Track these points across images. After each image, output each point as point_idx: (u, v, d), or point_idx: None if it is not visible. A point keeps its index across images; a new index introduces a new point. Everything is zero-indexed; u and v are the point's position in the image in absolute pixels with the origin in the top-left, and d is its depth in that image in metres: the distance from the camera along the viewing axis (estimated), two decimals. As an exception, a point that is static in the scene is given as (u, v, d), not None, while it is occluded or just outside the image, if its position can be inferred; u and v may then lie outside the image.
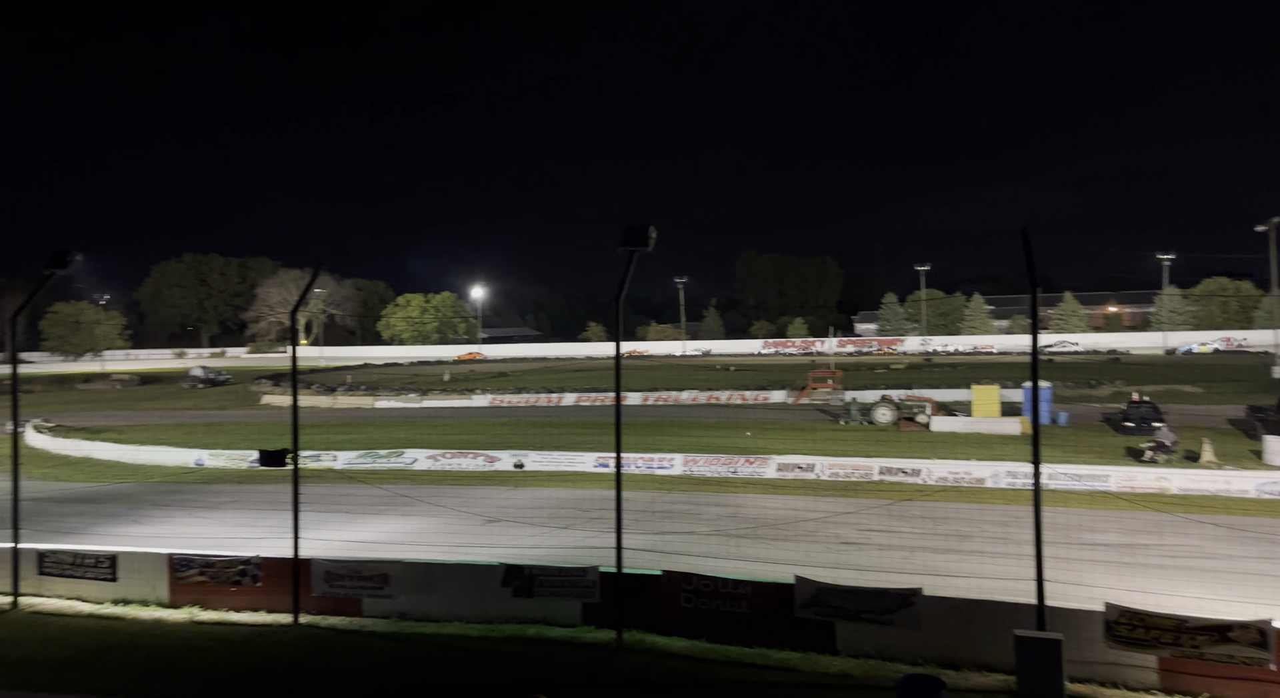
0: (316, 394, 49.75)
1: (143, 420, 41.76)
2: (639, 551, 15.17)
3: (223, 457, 27.89)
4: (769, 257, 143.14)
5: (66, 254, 13.75)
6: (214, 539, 16.74)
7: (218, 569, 13.24)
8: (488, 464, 26.28)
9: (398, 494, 22.02)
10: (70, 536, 17.01)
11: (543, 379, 62.78)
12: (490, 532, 18.04)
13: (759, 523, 18.56)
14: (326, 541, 16.41)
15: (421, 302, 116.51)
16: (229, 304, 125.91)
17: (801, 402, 44.42)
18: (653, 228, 12.11)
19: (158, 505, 21.63)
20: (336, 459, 27.20)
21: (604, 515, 18.82)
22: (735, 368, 74.73)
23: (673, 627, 11.50)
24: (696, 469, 24.64)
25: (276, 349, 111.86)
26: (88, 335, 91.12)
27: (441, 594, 12.48)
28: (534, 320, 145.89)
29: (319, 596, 12.77)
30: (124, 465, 28.40)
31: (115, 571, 13.56)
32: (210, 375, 66.62)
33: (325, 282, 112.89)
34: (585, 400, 47.30)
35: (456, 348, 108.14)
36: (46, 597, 13.56)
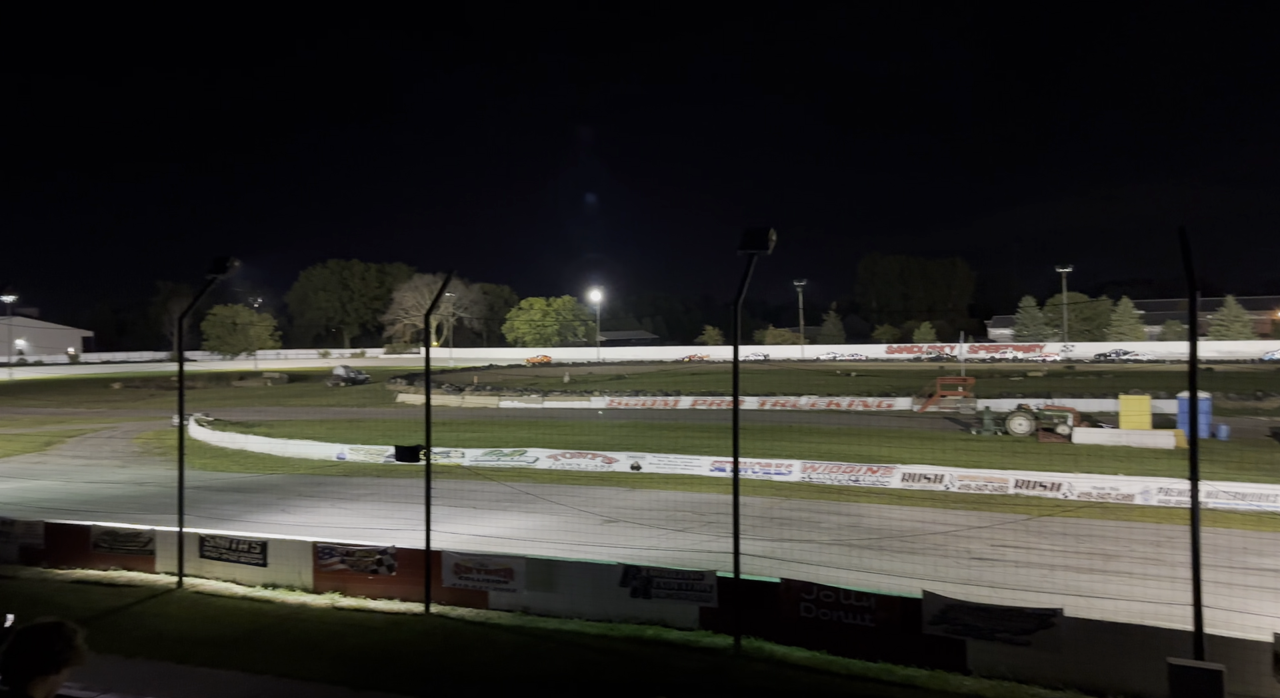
0: (446, 394, 51.97)
1: (290, 416, 44.83)
2: (756, 557, 14.98)
3: (362, 451, 29.54)
4: (894, 258, 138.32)
5: (226, 260, 14.90)
6: (353, 529, 17.75)
7: (357, 558, 14.01)
8: (605, 465, 26.65)
9: (520, 492, 22.67)
10: (226, 522, 18.41)
11: (659, 382, 63.13)
12: (608, 532, 18.26)
13: (882, 534, 17.94)
14: (455, 534, 17.08)
15: (543, 305, 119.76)
16: (368, 307, 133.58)
17: (929, 410, 42.70)
18: (773, 231, 11.92)
19: (303, 496, 23.13)
20: (464, 456, 28.30)
21: (720, 520, 18.71)
22: (857, 373, 72.75)
23: (792, 636, 11.27)
24: (816, 476, 24.10)
25: (410, 350, 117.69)
26: (243, 336, 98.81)
27: (562, 591, 12.73)
28: (650, 324, 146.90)
29: (449, 587, 13.30)
30: (274, 458, 30.56)
31: (266, 556, 14.59)
32: (351, 375, 70.82)
33: (455, 286, 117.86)
34: (701, 404, 47.22)
35: (576, 350, 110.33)
36: (206, 578, 14.72)
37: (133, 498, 22.49)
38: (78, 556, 15.77)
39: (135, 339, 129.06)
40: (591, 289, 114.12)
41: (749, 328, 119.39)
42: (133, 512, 19.52)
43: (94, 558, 15.67)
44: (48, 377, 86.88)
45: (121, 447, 34.20)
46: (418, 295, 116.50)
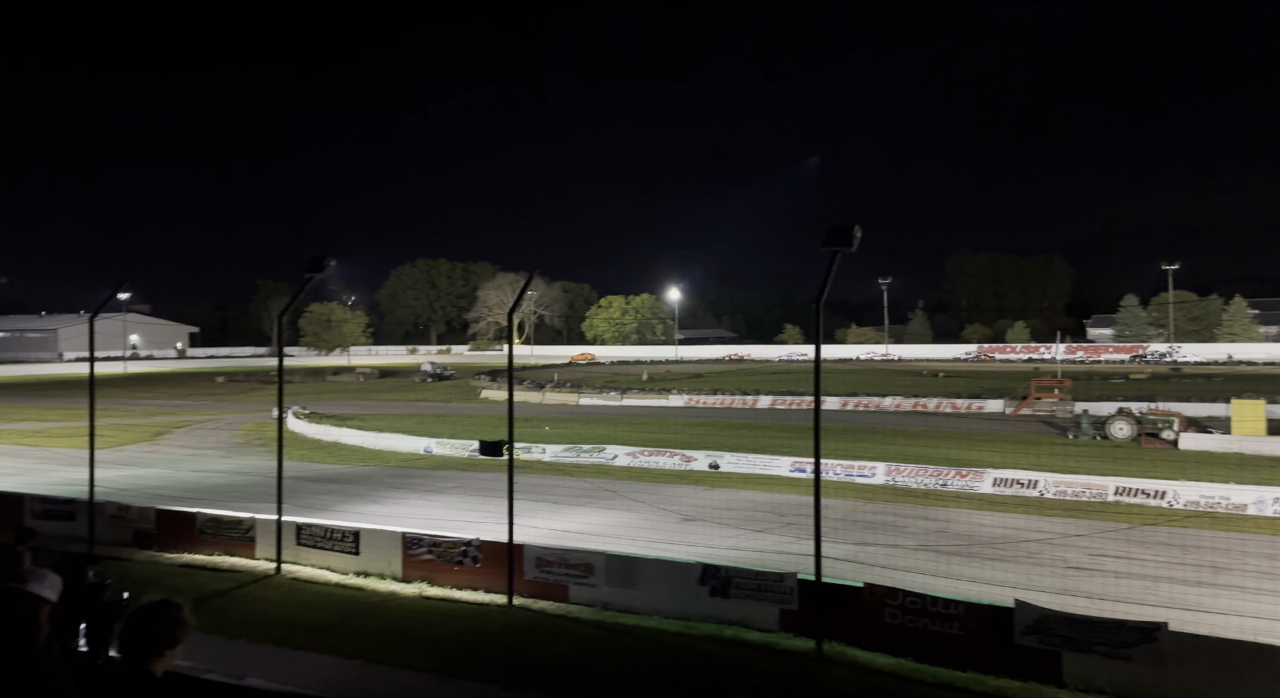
0: (527, 390, 52.92)
1: (381, 410, 46.45)
2: (838, 560, 14.71)
3: (447, 445, 30.37)
4: (985, 255, 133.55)
5: (323, 260, 15.52)
6: (440, 521, 18.26)
7: (443, 549, 14.42)
8: (684, 463, 26.63)
9: (599, 488, 22.88)
10: (321, 511, 19.20)
11: (737, 381, 62.70)
12: (686, 530, 18.25)
13: (972, 540, 17.36)
14: (536, 528, 17.38)
15: (622, 303, 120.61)
16: (454, 305, 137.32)
17: (1022, 412, 41.08)
18: (858, 227, 11.66)
19: (393, 488, 23.93)
20: (545, 452, 28.75)
21: (800, 522, 18.44)
22: (945, 374, 70.61)
23: (876, 642, 11.02)
24: (901, 479, 23.49)
25: (493, 347, 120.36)
26: (337, 333, 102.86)
27: (641, 588, 12.79)
28: (729, 322, 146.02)
29: (530, 580, 13.54)
30: (365, 450, 31.72)
31: (358, 545, 15.16)
32: (437, 371, 72.88)
33: (536, 284, 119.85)
34: (781, 403, 46.67)
35: (654, 348, 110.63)
36: (302, 565, 15.38)
37: (235, 487, 23.71)
38: (185, 541, 16.73)
39: (237, 335, 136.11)
40: (670, 288, 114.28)
41: (830, 327, 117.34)
42: (235, 500, 20.57)
43: (200, 543, 16.60)
44: (158, 370, 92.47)
45: (224, 438, 36.11)
46: (500, 294, 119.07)
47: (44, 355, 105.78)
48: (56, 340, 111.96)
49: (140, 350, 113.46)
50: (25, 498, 18.96)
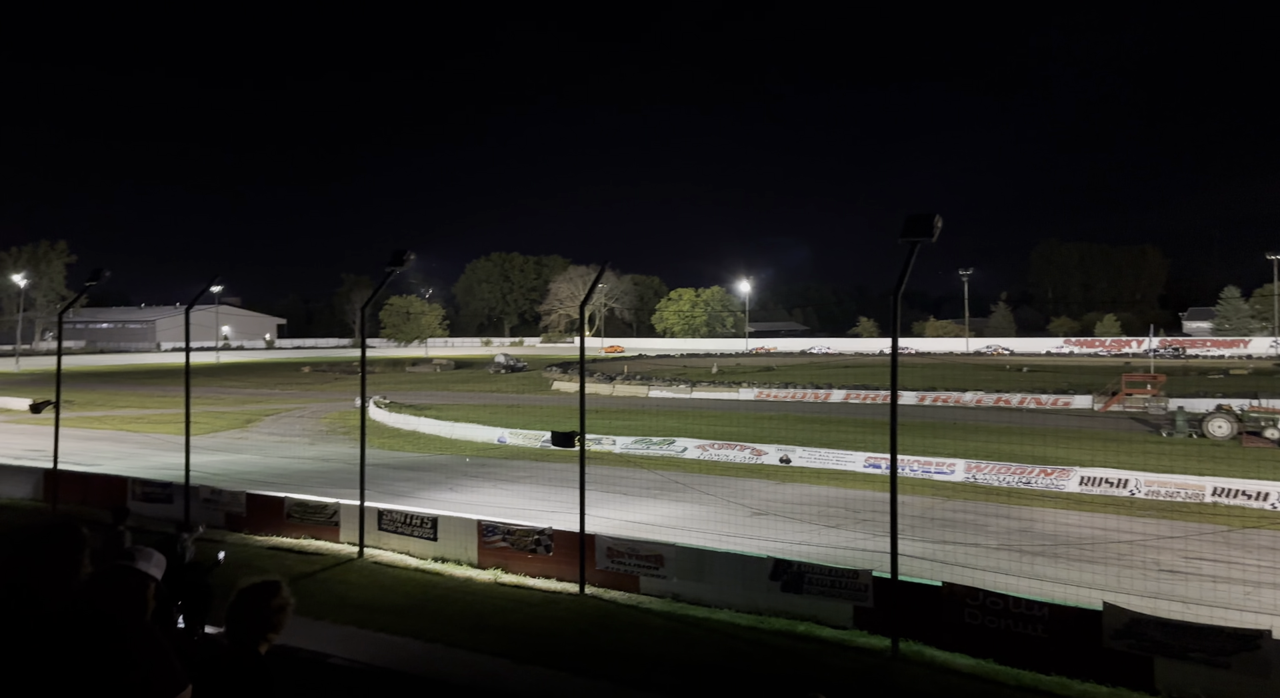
0: (597, 382, 53.34)
1: (457, 400, 47.55)
2: (915, 558, 14.41)
3: (520, 436, 30.90)
4: (1073, 245, 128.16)
5: (403, 253, 15.98)
6: (513, 509, 18.60)
7: (517, 537, 14.70)
8: (754, 457, 26.44)
9: (669, 480, 22.93)
10: (401, 498, 19.77)
11: (809, 374, 61.82)
12: (756, 524, 18.13)
13: (1057, 541, 16.75)
14: (608, 518, 17.53)
15: (692, 296, 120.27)
16: (526, 298, 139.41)
17: (1112, 409, 39.36)
18: (938, 217, 11.35)
19: (468, 476, 24.49)
20: (615, 443, 28.96)
21: (875, 518, 18.11)
22: (1029, 368, 68.19)
23: (954, 642, 10.75)
24: (981, 477, 22.80)
25: (565, 339, 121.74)
26: (415, 325, 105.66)
27: (712, 581, 12.78)
28: (801, 315, 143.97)
29: (601, 569, 13.69)
30: (442, 439, 32.53)
31: (436, 531, 15.58)
32: (510, 362, 74.15)
33: (607, 277, 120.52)
34: (854, 397, 45.83)
35: (724, 341, 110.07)
36: (383, 549, 15.90)
37: (320, 473, 24.64)
38: (273, 524, 17.49)
39: (321, 326, 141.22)
40: (740, 280, 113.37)
41: (907, 319, 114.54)
42: (320, 485, 21.38)
43: (287, 527, 17.33)
44: (247, 360, 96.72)
45: (310, 426, 37.55)
46: (572, 286, 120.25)
47: (143, 345, 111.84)
48: (154, 331, 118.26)
49: (232, 341, 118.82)
50: (128, 481, 20.13)
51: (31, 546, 4.07)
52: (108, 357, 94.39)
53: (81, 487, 20.31)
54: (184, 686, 3.53)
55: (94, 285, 19.89)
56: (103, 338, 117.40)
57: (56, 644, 3.59)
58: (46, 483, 20.48)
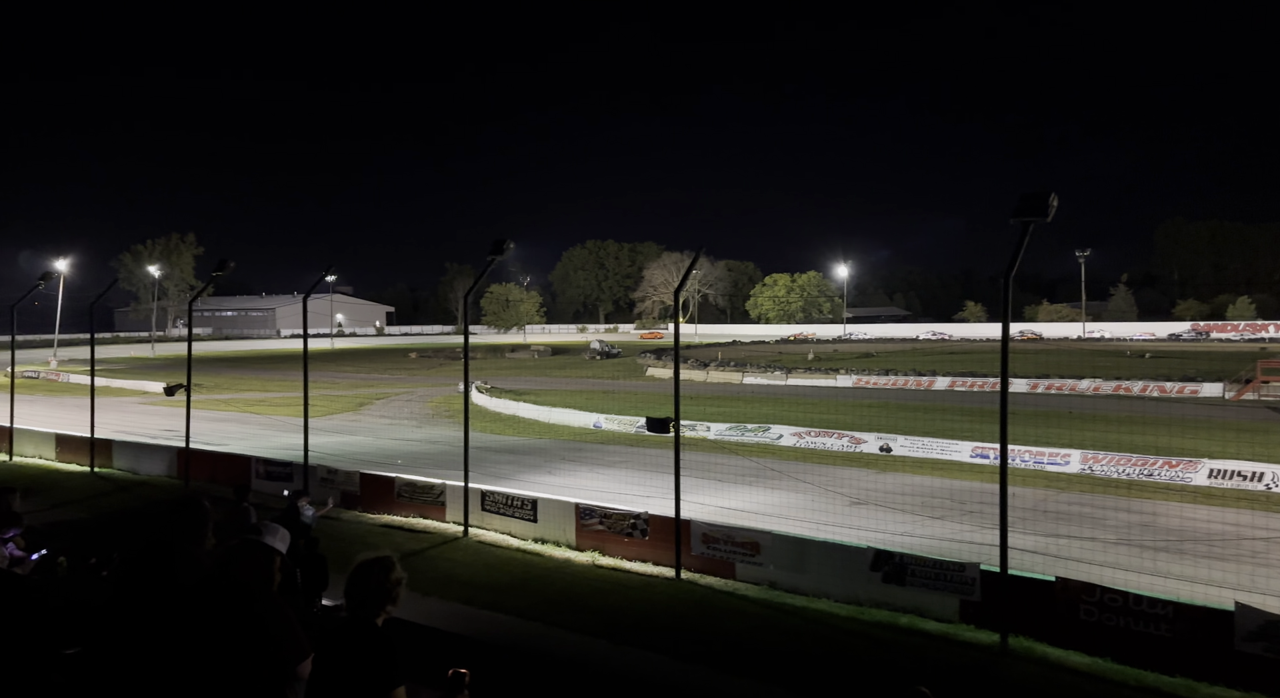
0: (691, 369, 53.30)
1: (554, 386, 48.51)
2: (1026, 551, 13.84)
3: (615, 421, 31.26)
4: (1203, 223, 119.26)
5: (504, 243, 16.38)
6: (609, 494, 18.86)
7: (613, 521, 14.91)
8: (852, 445, 25.90)
9: (764, 467, 22.74)
10: (502, 480, 20.35)
11: (912, 361, 59.99)
12: (855, 514, 17.78)
13: (1182, 536, 15.75)
14: (702, 505, 17.55)
15: (787, 281, 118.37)
16: (620, 285, 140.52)
17: (1246, 397, 36.58)
18: (1054, 195, 10.77)
19: (565, 460, 24.98)
20: (709, 430, 28.92)
21: (982, 510, 17.46)
22: (1151, 354, 64.12)
23: (1068, 639, 10.29)
24: (1099, 468, 21.63)
25: (659, 326, 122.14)
26: (514, 312, 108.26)
27: (809, 570, 12.63)
28: (903, 299, 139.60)
29: (696, 555, 13.73)
30: (540, 424, 33.27)
31: (535, 513, 15.98)
32: (605, 348, 75.02)
33: (700, 263, 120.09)
34: (960, 385, 44.20)
35: (821, 327, 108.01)
36: (486, 529, 16.42)
37: (427, 455, 25.64)
38: (384, 502, 18.33)
39: (427, 314, 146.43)
40: (838, 264, 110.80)
41: (1019, 303, 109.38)
42: (427, 467, 22.23)
43: (397, 506, 18.13)
44: (359, 346, 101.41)
45: (417, 409, 39.09)
46: (666, 273, 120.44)
47: (264, 332, 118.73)
48: (275, 319, 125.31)
49: (345, 328, 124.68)
50: (252, 460, 21.48)
51: (163, 520, 4.43)
52: (232, 343, 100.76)
53: (210, 465, 21.82)
54: (307, 654, 3.76)
55: (220, 275, 21.24)
56: (228, 325, 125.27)
57: (193, 611, 3.88)
58: (180, 461, 22.10)
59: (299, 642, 3.79)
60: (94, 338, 28.93)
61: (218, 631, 3.73)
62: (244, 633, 3.70)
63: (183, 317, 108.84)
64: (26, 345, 52.70)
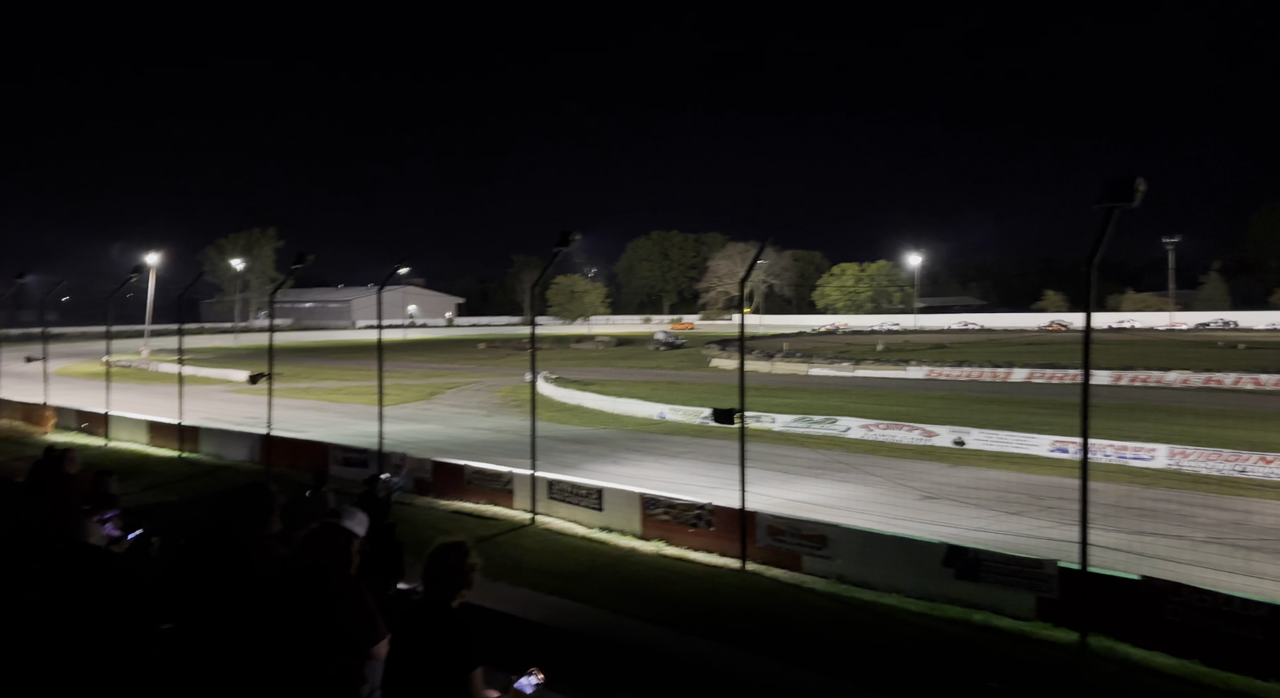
0: (756, 359, 52.89)
1: (619, 376, 48.79)
2: (1108, 549, 13.29)
3: (680, 412, 31.26)
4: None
5: (569, 234, 16.51)
6: (674, 484, 18.88)
7: (678, 511, 14.93)
8: (924, 438, 25.31)
9: (832, 460, 22.42)
10: (568, 469, 20.55)
11: (987, 352, 58.26)
12: (927, 508, 17.39)
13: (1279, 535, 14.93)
14: (768, 496, 17.39)
15: (856, 271, 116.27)
16: (685, 275, 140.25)
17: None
18: (1141, 180, 10.28)
19: (630, 450, 25.11)
20: (775, 421, 28.65)
21: (1061, 505, 16.86)
22: (1246, 345, 60.82)
23: (1153, 640, 9.87)
24: (1187, 464, 20.65)
25: (723, 317, 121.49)
26: (579, 303, 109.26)
27: (879, 564, 12.41)
28: (977, 289, 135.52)
29: (762, 547, 13.64)
30: (605, 414, 33.51)
31: (601, 502, 16.12)
32: (670, 339, 75.05)
33: (766, 253, 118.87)
34: (1038, 377, 42.74)
35: (891, 317, 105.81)
36: (553, 517, 16.63)
37: (495, 443, 26.11)
38: (455, 489, 18.74)
39: (495, 305, 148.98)
40: (910, 253, 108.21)
41: (1101, 292, 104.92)
42: (495, 455, 22.61)
43: (467, 492, 18.52)
44: (430, 337, 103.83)
45: (486, 399, 39.83)
46: (731, 263, 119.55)
47: (340, 323, 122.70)
48: (351, 310, 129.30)
49: (417, 319, 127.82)
50: (330, 447, 22.23)
51: (229, 503, 4.63)
52: (311, 334, 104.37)
53: (291, 451, 22.66)
54: (383, 636, 3.87)
55: (299, 268, 22.00)
56: (306, 316, 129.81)
57: (270, 591, 4.03)
58: (263, 447, 23.03)
59: (375, 624, 3.91)
60: (182, 329, 30.34)
61: (296, 611, 3.87)
62: (321, 614, 3.83)
63: (264, 308, 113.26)
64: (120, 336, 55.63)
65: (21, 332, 64.65)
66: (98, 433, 27.77)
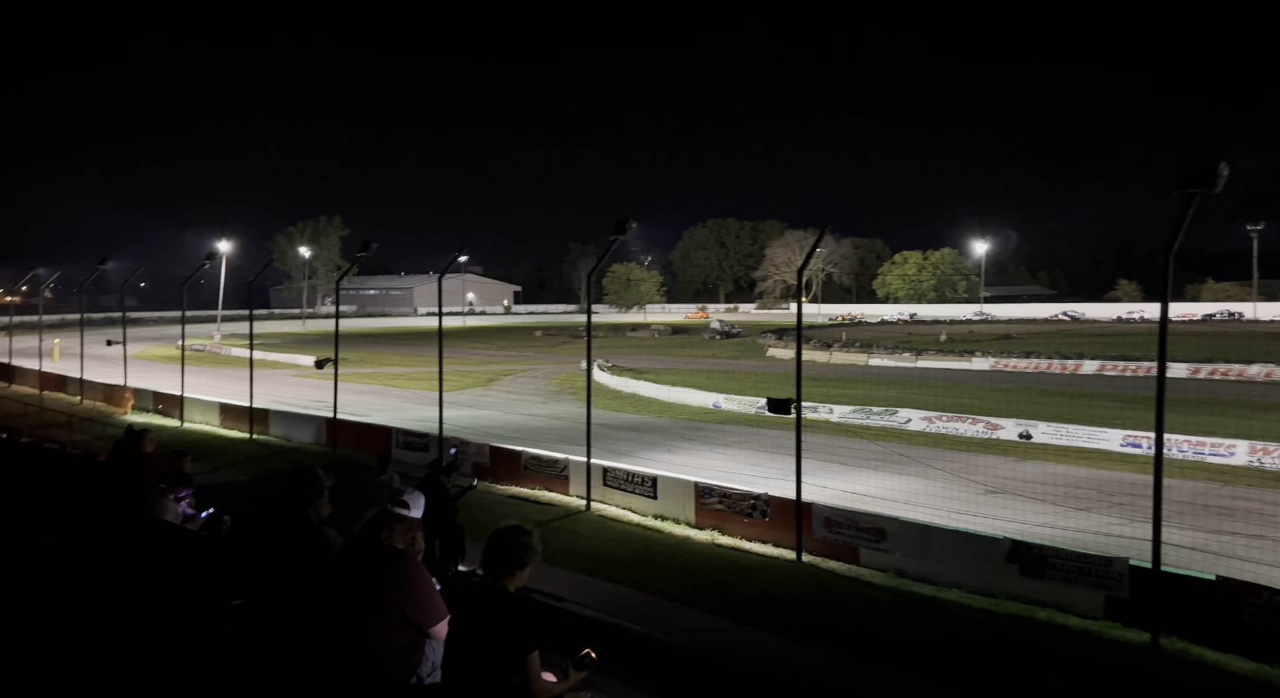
0: (813, 349, 52.19)
1: (673, 365, 48.75)
2: (1182, 548, 12.84)
3: (735, 401, 31.07)
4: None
5: (626, 222, 16.50)
6: (728, 473, 18.80)
7: (733, 500, 14.86)
8: (988, 431, 24.66)
9: (891, 452, 22.01)
10: (622, 457, 20.64)
11: (1056, 343, 56.37)
12: (990, 502, 16.96)
13: (1371, 541, 14.13)
14: (824, 488, 17.19)
15: (919, 259, 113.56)
16: (741, 264, 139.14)
17: None
18: (1224, 164, 9.77)
19: (684, 439, 25.08)
20: (832, 412, 28.26)
21: (1132, 502, 16.29)
22: (1334, 337, 57.66)
23: (1229, 643, 9.47)
24: (1269, 461, 19.69)
25: (780, 306, 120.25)
26: (635, 291, 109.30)
27: (939, 559, 12.15)
28: (1047, 277, 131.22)
29: (818, 538, 13.49)
30: (660, 402, 33.52)
31: (656, 490, 16.14)
32: (725, 328, 74.62)
33: (825, 241, 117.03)
34: (1110, 369, 41.26)
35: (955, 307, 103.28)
36: (608, 504, 16.73)
37: (551, 430, 26.37)
38: (512, 475, 18.99)
39: (551, 293, 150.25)
40: (975, 240, 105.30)
41: (1179, 282, 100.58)
42: (551, 442, 22.86)
43: (524, 478, 18.75)
44: (488, 324, 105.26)
45: (542, 386, 40.23)
46: (788, 251, 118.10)
47: (402, 310, 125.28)
48: (412, 297, 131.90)
49: (475, 306, 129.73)
50: (392, 430, 22.75)
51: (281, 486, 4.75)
52: (374, 320, 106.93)
53: (355, 434, 23.27)
54: (443, 616, 3.93)
55: (364, 256, 22.48)
56: (370, 303, 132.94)
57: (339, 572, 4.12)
58: (328, 430, 23.69)
59: (436, 604, 3.97)
60: (253, 315, 31.34)
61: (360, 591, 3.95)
62: (384, 594, 3.90)
63: (330, 295, 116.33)
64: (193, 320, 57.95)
65: (103, 316, 67.76)
66: (172, 414, 28.95)
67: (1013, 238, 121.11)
